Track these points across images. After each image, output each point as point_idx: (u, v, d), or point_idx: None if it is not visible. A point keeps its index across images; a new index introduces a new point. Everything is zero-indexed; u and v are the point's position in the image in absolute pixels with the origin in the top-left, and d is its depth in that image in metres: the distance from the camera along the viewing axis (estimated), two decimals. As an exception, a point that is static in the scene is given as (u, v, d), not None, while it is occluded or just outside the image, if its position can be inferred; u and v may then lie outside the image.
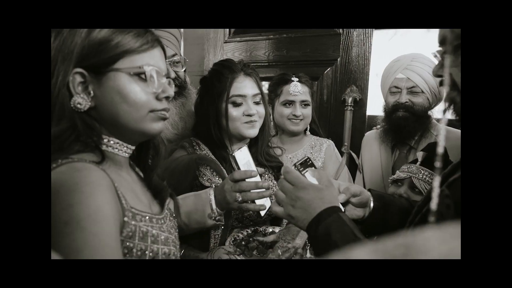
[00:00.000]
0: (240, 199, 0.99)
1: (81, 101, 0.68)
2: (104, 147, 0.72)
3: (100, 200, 0.60)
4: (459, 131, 1.45)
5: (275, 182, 1.31)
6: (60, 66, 0.67)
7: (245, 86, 1.19)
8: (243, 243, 1.16)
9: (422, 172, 1.25)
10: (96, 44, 0.67)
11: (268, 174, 1.29)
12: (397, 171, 1.35)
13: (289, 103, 1.58)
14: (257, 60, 2.16)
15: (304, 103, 1.60)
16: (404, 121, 1.50)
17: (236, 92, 1.18)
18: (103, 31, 0.67)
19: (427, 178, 1.25)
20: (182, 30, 3.07)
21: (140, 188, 0.80)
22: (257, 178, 1.01)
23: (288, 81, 1.58)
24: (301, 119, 1.59)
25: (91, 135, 0.70)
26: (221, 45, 2.27)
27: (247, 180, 0.99)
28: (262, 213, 1.07)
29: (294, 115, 1.57)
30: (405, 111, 1.50)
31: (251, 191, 0.99)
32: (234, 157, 1.05)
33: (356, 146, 1.85)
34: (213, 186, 1.09)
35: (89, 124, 0.70)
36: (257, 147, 1.28)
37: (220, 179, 1.18)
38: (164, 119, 0.76)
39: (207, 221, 1.02)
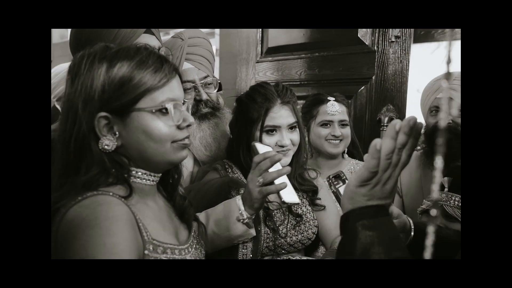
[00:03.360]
0: (261, 180, 0.95)
1: (108, 142, 0.69)
2: (132, 179, 0.74)
3: (117, 237, 0.61)
4: None
5: (309, 208, 1.25)
6: (83, 114, 0.67)
7: (280, 116, 1.15)
8: None
9: (453, 198, 1.17)
10: (116, 86, 0.67)
11: (302, 199, 1.24)
12: (424, 200, 1.27)
13: (327, 123, 1.51)
14: (289, 79, 2.15)
15: (343, 123, 1.52)
16: (447, 142, 1.41)
17: (270, 122, 1.15)
18: (122, 69, 0.67)
19: (459, 204, 1.15)
20: (216, 48, 3.16)
21: (166, 215, 0.81)
22: (278, 165, 0.99)
23: (324, 100, 1.53)
24: (340, 140, 1.52)
25: (122, 171, 0.72)
26: (253, 65, 2.29)
27: None
28: (284, 196, 0.97)
29: (334, 135, 1.50)
30: (449, 132, 1.40)
31: (270, 170, 0.96)
32: (254, 146, 1.02)
33: (393, 169, 1.74)
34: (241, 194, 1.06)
35: (118, 162, 0.72)
36: (290, 171, 1.22)
37: None
38: (186, 147, 0.77)
39: (236, 226, 1.00)
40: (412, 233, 0.90)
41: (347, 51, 1.93)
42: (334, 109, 1.50)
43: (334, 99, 1.53)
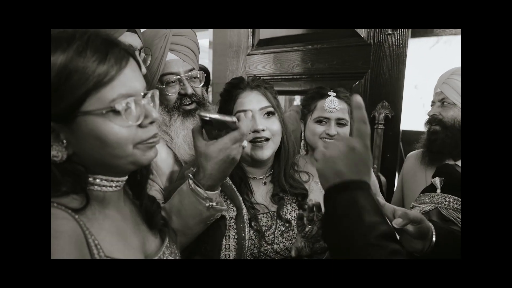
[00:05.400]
0: (246, 143, 0.92)
1: (56, 153, 0.59)
2: (89, 187, 0.64)
3: (55, 256, 0.52)
4: None
5: (298, 213, 1.15)
6: None
7: (249, 100, 1.08)
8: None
9: (448, 199, 1.11)
10: (52, 88, 0.55)
11: (290, 204, 1.14)
12: (414, 204, 1.19)
13: (323, 120, 1.37)
14: (281, 73, 2.05)
15: (340, 122, 1.38)
16: (433, 134, 1.37)
17: (240, 107, 1.08)
18: (54, 65, 0.55)
19: (455, 205, 1.08)
20: (210, 40, 3.05)
21: (131, 225, 0.72)
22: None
23: (324, 95, 1.39)
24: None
25: (77, 182, 0.61)
26: (244, 58, 2.19)
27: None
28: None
29: (328, 134, 1.36)
30: (435, 124, 1.37)
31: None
32: (214, 118, 0.91)
33: (386, 169, 1.66)
34: (190, 175, 0.95)
35: (71, 172, 0.61)
36: (279, 169, 1.14)
37: (234, 207, 1.06)
38: (154, 146, 0.67)
39: (201, 212, 0.92)
40: (434, 239, 0.82)
41: (342, 43, 1.84)
42: (332, 105, 1.36)
43: (335, 94, 1.38)
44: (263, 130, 1.06)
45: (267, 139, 1.08)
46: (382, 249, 0.54)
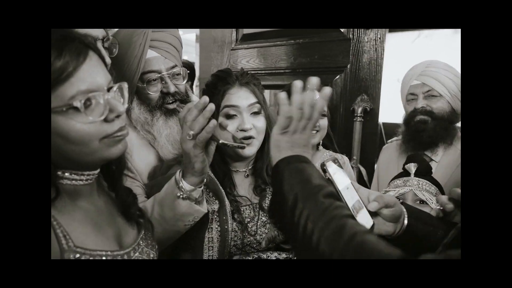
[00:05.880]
0: (191, 132, 0.87)
1: None
2: (59, 180, 0.65)
3: None
4: None
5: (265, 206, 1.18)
6: None
7: (238, 96, 1.07)
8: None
9: (420, 183, 1.21)
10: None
11: (269, 196, 1.16)
12: (386, 189, 1.25)
13: None
14: (264, 68, 2.08)
15: (321, 114, 1.46)
16: (423, 124, 1.39)
17: (228, 102, 1.06)
18: None
19: (427, 188, 1.19)
20: (196, 34, 3.04)
21: (106, 216, 0.73)
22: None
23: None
24: (317, 130, 1.45)
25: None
26: (228, 53, 2.21)
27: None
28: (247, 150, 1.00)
29: None
30: (424, 114, 1.40)
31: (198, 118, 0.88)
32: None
33: (365, 160, 1.71)
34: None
35: None
36: (262, 163, 1.15)
37: (216, 200, 1.08)
38: (122, 139, 0.67)
39: (178, 203, 0.93)
40: (406, 222, 0.86)
41: (323, 38, 1.87)
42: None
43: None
44: (250, 129, 1.06)
45: (253, 137, 1.08)
46: (330, 204, 0.62)
